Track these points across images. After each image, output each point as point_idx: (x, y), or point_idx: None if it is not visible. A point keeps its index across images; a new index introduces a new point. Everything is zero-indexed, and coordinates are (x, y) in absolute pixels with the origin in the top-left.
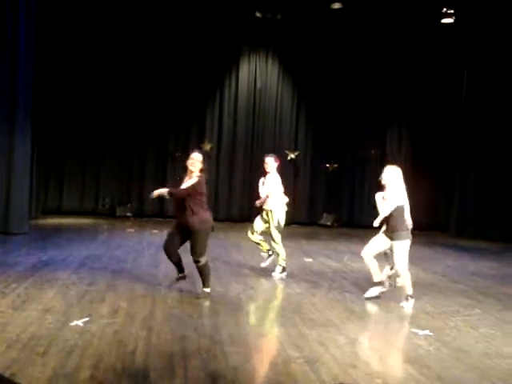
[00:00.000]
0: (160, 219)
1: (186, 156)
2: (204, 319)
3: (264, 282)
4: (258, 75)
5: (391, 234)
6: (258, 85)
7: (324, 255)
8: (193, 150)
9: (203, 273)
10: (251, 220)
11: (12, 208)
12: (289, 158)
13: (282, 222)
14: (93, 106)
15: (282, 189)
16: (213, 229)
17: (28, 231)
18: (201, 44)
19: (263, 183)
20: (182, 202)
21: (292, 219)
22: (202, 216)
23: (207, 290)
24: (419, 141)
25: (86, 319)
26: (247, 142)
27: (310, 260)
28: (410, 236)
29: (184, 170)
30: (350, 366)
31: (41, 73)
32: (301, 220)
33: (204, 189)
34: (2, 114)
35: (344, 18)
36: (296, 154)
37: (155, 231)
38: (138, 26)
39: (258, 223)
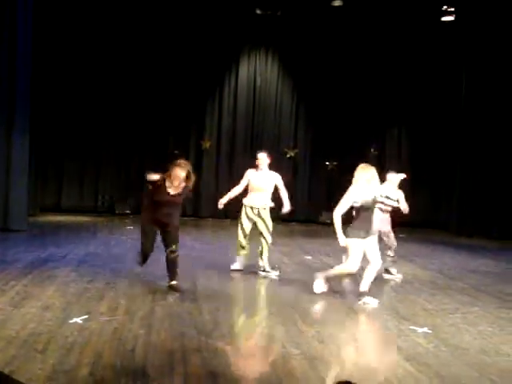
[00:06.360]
0: None
1: (183, 154)
2: (204, 317)
3: (264, 281)
4: (257, 73)
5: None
6: (258, 82)
7: (323, 253)
8: (178, 165)
9: (176, 264)
10: None
11: (11, 205)
12: (288, 155)
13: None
14: (92, 103)
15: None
16: None
17: (27, 228)
18: (200, 42)
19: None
20: (178, 202)
21: (291, 217)
22: None
23: (176, 282)
24: (419, 139)
25: (86, 317)
26: (246, 140)
27: (310, 258)
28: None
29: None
30: (349, 363)
31: (39, 71)
32: (300, 218)
33: None
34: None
35: (344, 16)
36: (295, 151)
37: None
38: (136, 25)
39: (248, 224)
